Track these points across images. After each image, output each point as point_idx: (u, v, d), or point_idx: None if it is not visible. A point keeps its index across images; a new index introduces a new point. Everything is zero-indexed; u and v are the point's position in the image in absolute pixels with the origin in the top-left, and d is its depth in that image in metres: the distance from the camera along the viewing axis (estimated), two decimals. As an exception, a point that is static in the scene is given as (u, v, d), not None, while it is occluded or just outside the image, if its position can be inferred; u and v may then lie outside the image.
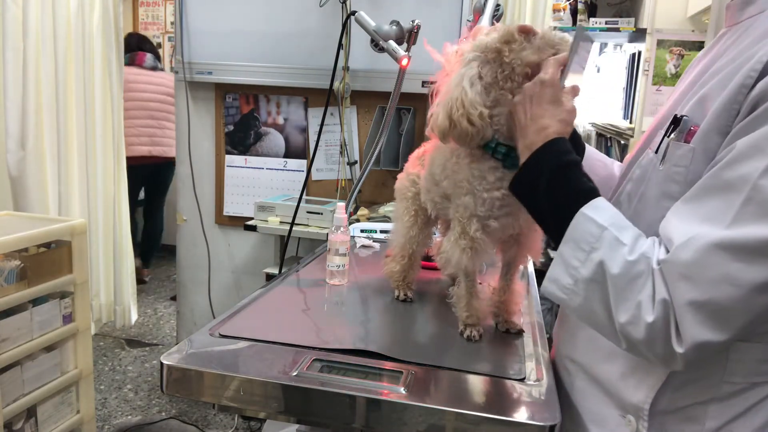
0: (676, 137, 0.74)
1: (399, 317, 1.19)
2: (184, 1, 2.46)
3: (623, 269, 0.71)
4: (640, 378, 0.78)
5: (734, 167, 0.64)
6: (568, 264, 0.77)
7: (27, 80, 2.49)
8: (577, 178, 0.81)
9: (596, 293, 0.73)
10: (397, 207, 1.30)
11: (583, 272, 0.75)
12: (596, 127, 3.45)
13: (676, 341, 0.66)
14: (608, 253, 0.72)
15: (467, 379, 0.91)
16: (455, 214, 1.04)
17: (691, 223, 0.67)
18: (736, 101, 0.67)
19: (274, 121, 2.55)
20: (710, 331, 0.64)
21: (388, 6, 2.26)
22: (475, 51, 0.94)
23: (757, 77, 0.65)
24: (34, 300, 1.80)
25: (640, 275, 0.69)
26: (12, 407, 1.72)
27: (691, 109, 0.75)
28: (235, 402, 0.89)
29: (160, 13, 5.05)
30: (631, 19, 3.34)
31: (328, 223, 2.20)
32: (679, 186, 0.73)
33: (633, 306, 0.69)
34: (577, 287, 0.76)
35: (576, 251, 0.76)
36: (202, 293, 2.70)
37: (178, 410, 2.66)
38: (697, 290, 0.64)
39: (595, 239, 0.74)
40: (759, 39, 0.70)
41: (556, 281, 0.78)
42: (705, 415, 0.74)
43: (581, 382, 0.88)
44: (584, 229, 0.76)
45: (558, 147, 0.84)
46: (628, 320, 0.70)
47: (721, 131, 0.69)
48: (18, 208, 2.52)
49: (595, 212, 0.76)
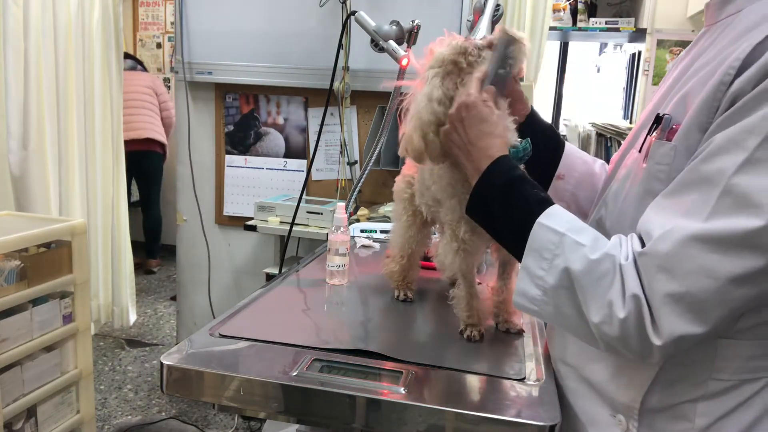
0: (659, 136, 0.75)
1: (399, 317, 1.19)
2: (184, 1, 2.46)
3: (587, 269, 0.71)
4: (629, 377, 0.78)
5: (711, 161, 0.65)
6: (534, 275, 0.77)
7: (28, 80, 2.49)
8: (526, 190, 0.83)
9: (565, 299, 0.74)
10: (395, 208, 1.31)
11: (550, 280, 0.75)
12: (596, 127, 3.45)
13: (654, 334, 0.67)
14: (570, 257, 0.73)
15: (467, 379, 0.91)
16: (444, 218, 1.05)
17: (669, 217, 0.67)
18: (716, 98, 0.68)
19: (274, 121, 2.55)
20: (688, 324, 0.65)
21: (388, 6, 2.26)
22: (433, 67, 0.96)
23: (735, 74, 0.66)
24: (34, 300, 1.79)
25: (605, 274, 0.70)
26: (12, 407, 1.72)
27: (673, 107, 0.76)
28: (235, 402, 0.89)
29: (160, 13, 5.05)
30: (631, 19, 3.34)
31: (328, 223, 2.20)
32: (661, 184, 0.73)
33: (604, 305, 0.69)
34: (546, 296, 0.76)
35: (539, 261, 0.77)
36: (202, 293, 2.71)
37: (178, 410, 2.66)
38: (675, 282, 0.65)
39: (555, 246, 0.75)
40: (737, 38, 0.71)
41: (525, 294, 0.79)
42: (694, 412, 0.74)
43: (573, 383, 0.89)
44: (543, 238, 0.77)
45: (502, 166, 0.87)
46: (601, 320, 0.70)
47: (701, 128, 0.69)
48: (20, 208, 2.52)
49: (551, 220, 0.77)
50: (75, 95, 2.72)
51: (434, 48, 0.99)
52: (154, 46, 5.10)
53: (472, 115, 0.90)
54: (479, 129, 0.89)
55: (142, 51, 5.13)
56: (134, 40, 5.13)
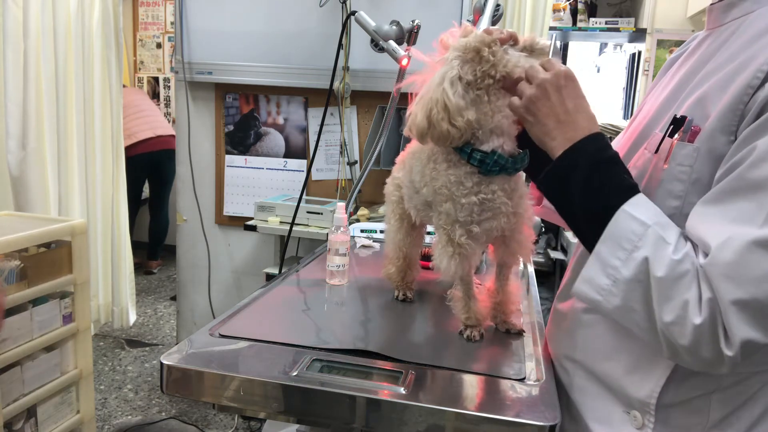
0: (680, 137, 0.75)
1: (399, 317, 1.19)
2: (184, 1, 2.46)
3: (669, 268, 0.69)
4: (645, 373, 0.78)
5: (760, 167, 0.65)
6: (607, 263, 0.74)
7: (28, 80, 2.49)
8: (618, 174, 0.78)
9: (637, 293, 0.71)
10: (386, 210, 1.29)
11: (625, 272, 0.72)
12: (596, 127, 3.44)
13: (725, 344, 0.65)
14: (653, 252, 0.70)
15: (467, 379, 0.91)
16: (438, 222, 1.03)
17: (723, 225, 0.67)
18: (741, 102, 0.68)
19: (274, 121, 2.55)
20: (757, 331, 0.64)
21: (388, 6, 2.26)
22: (455, 51, 0.92)
23: (765, 78, 0.67)
24: (34, 300, 1.79)
25: (685, 274, 0.68)
26: (12, 407, 1.72)
27: (689, 109, 0.76)
28: (235, 402, 0.89)
29: (160, 13, 5.05)
30: (631, 19, 3.34)
31: (328, 223, 2.20)
32: (683, 185, 0.73)
33: (679, 305, 0.67)
34: (616, 287, 0.73)
35: (617, 250, 0.73)
36: (202, 293, 2.71)
37: (178, 410, 2.66)
38: (741, 289, 0.64)
39: (638, 238, 0.71)
40: (752, 41, 0.71)
41: (591, 281, 0.75)
42: (709, 406, 0.74)
43: (581, 380, 0.88)
44: (626, 227, 0.73)
45: (599, 142, 0.81)
46: (672, 320, 0.68)
47: (725, 131, 0.70)
48: (19, 208, 2.52)
49: (637, 210, 0.73)
50: (74, 95, 2.72)
51: (446, 39, 0.96)
52: (154, 46, 5.10)
53: (573, 86, 0.84)
54: (578, 102, 0.83)
55: (142, 51, 5.13)
56: (134, 40, 5.13)
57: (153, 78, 5.10)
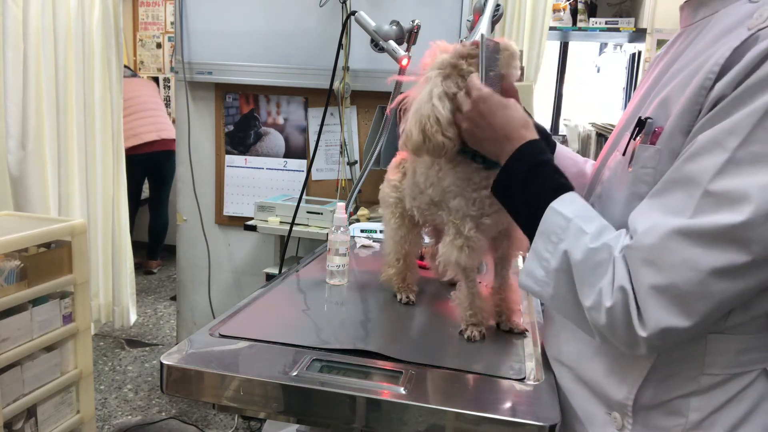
0: (643, 139, 0.76)
1: (399, 317, 1.19)
2: (184, 1, 2.46)
3: (585, 256, 0.74)
4: (622, 374, 0.79)
5: (694, 161, 0.67)
6: (541, 257, 0.80)
7: (27, 80, 2.48)
8: (548, 174, 0.85)
9: (563, 282, 0.77)
10: (383, 213, 1.31)
11: (553, 263, 0.78)
12: (596, 127, 3.45)
13: (639, 325, 0.68)
14: (572, 243, 0.76)
15: (467, 379, 0.91)
16: (448, 218, 1.06)
17: (655, 213, 0.69)
18: (697, 102, 0.69)
19: (274, 121, 2.55)
20: (673, 316, 0.66)
21: (388, 6, 2.26)
22: (434, 69, 0.98)
23: (716, 78, 0.68)
24: (34, 300, 1.79)
25: (601, 263, 0.72)
26: (12, 407, 1.72)
27: (654, 110, 0.77)
28: (235, 402, 0.89)
29: (160, 13, 5.05)
30: (631, 19, 3.34)
31: (328, 223, 2.20)
32: (647, 186, 0.75)
33: (595, 292, 0.72)
34: (548, 278, 0.79)
35: (546, 244, 0.79)
36: (202, 293, 2.71)
37: (178, 410, 2.66)
38: (660, 275, 0.66)
39: (561, 230, 0.78)
40: (715, 40, 0.72)
41: (531, 274, 0.82)
42: (687, 407, 0.75)
43: (567, 382, 0.89)
44: (553, 222, 0.79)
45: (533, 148, 0.88)
46: (591, 305, 0.72)
47: (684, 131, 0.71)
48: (18, 208, 2.52)
49: (563, 206, 0.80)
50: (75, 95, 2.72)
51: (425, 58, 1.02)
52: (154, 46, 5.10)
53: (491, 104, 0.91)
54: (503, 114, 0.91)
55: (142, 51, 5.13)
56: (134, 40, 5.13)
57: (153, 78, 5.10)
